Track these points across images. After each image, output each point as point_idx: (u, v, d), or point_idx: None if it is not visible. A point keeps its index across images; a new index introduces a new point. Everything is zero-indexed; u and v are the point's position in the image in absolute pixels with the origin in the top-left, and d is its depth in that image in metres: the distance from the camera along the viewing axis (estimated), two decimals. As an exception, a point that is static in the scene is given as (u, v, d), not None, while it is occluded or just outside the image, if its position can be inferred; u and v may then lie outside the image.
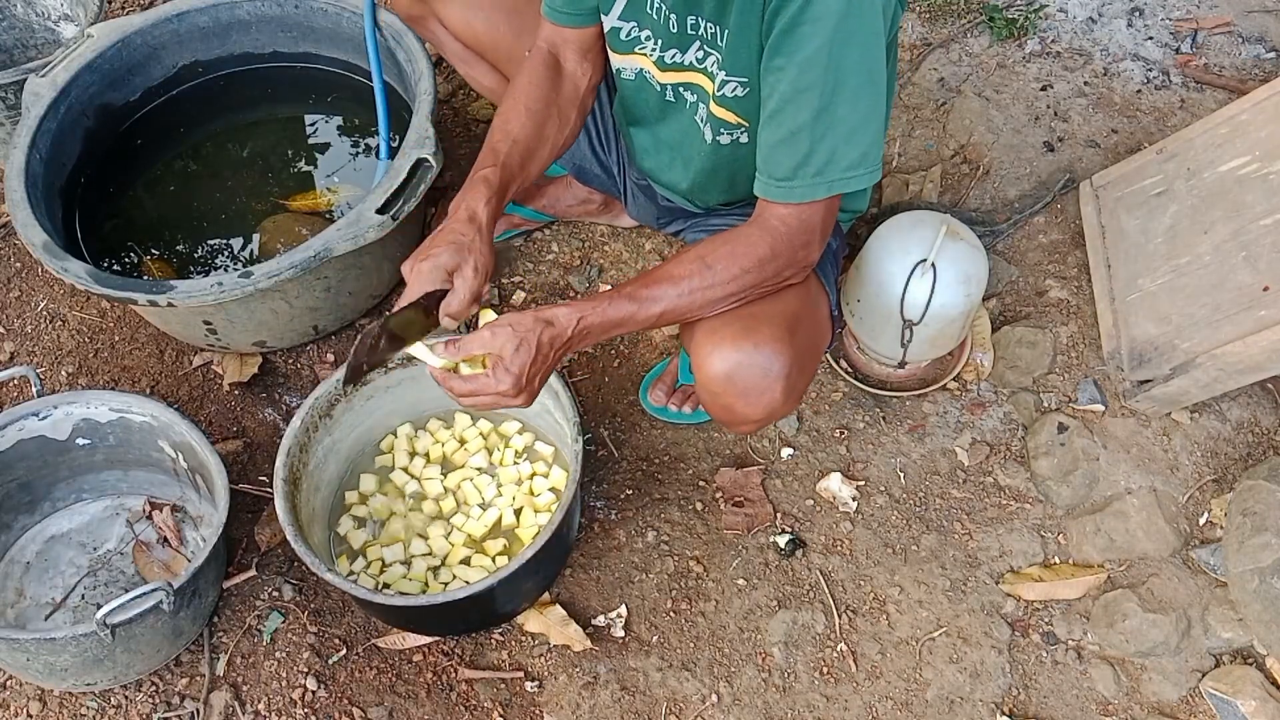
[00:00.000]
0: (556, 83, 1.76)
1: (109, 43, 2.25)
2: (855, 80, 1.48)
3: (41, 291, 2.35)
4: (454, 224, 1.58)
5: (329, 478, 1.96)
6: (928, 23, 2.65)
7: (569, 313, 1.53)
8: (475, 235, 1.57)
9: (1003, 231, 2.29)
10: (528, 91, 1.72)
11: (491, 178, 1.62)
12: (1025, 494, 2.02)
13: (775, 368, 1.58)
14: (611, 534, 2.00)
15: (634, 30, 1.68)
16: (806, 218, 1.57)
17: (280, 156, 2.43)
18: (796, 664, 1.88)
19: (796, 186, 1.53)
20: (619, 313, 1.55)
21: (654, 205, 2.04)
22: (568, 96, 1.76)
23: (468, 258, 1.55)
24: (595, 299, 1.55)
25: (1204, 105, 2.44)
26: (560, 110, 1.75)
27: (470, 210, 1.59)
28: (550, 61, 1.77)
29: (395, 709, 1.84)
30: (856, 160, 1.52)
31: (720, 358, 1.59)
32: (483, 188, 1.61)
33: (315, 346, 2.24)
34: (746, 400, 1.61)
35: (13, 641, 1.68)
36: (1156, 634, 1.84)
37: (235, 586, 1.95)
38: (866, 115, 1.51)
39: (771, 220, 1.57)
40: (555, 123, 1.74)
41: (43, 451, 1.92)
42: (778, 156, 1.53)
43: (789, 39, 1.46)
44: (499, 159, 1.65)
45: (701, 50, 1.63)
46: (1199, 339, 1.91)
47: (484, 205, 1.60)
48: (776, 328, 1.59)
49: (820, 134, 1.49)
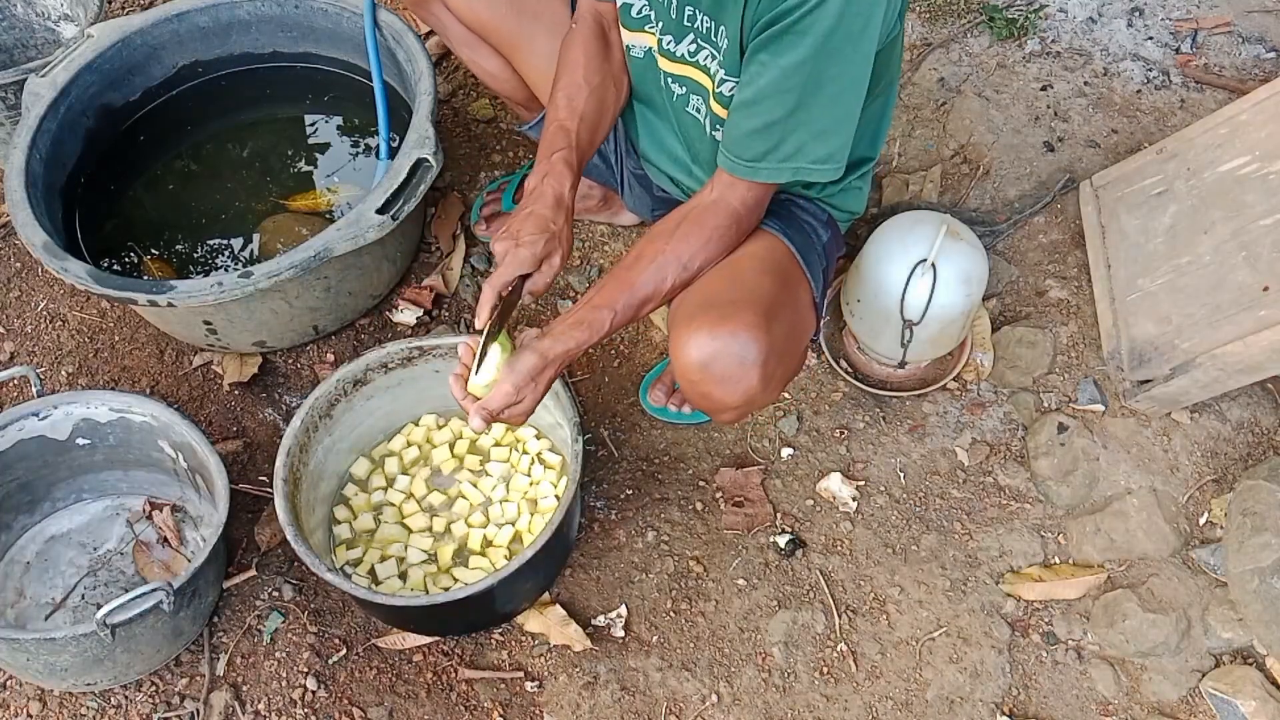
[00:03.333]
0: (607, 52, 1.80)
1: (109, 43, 2.25)
2: (835, 88, 1.53)
3: (41, 291, 2.35)
4: (543, 209, 1.66)
5: (329, 477, 1.96)
6: (928, 23, 2.65)
7: (561, 347, 1.61)
8: (565, 222, 1.66)
9: (1003, 231, 2.29)
10: (585, 64, 1.76)
11: (571, 159, 1.69)
12: (1025, 494, 2.02)
13: (751, 354, 1.59)
14: (611, 534, 2.00)
15: (645, 8, 1.71)
16: (763, 194, 1.68)
17: (280, 156, 2.43)
18: (796, 664, 1.88)
19: (763, 168, 1.61)
20: (611, 327, 1.63)
21: (649, 196, 2.04)
22: (619, 64, 1.81)
23: (556, 246, 1.66)
24: (582, 324, 1.61)
25: (1204, 105, 2.44)
26: (615, 78, 1.80)
27: (557, 194, 1.66)
28: (598, 31, 1.80)
29: (395, 709, 1.84)
30: (824, 156, 1.60)
31: (696, 346, 1.60)
32: (565, 171, 1.68)
33: (315, 346, 2.24)
34: (724, 388, 1.62)
35: (13, 641, 1.68)
36: (1156, 634, 1.84)
37: (235, 586, 1.95)
38: (840, 119, 1.57)
39: (733, 202, 1.66)
40: (613, 92, 1.79)
41: (43, 451, 1.92)
42: (749, 141, 1.60)
43: (776, 42, 1.49)
44: (571, 139, 1.71)
45: (695, 44, 1.65)
46: (1199, 339, 1.91)
47: (570, 190, 1.68)
48: (753, 315, 1.61)
49: (792, 129, 1.56)
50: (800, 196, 1.83)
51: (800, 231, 1.79)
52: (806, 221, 1.81)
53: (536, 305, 2.27)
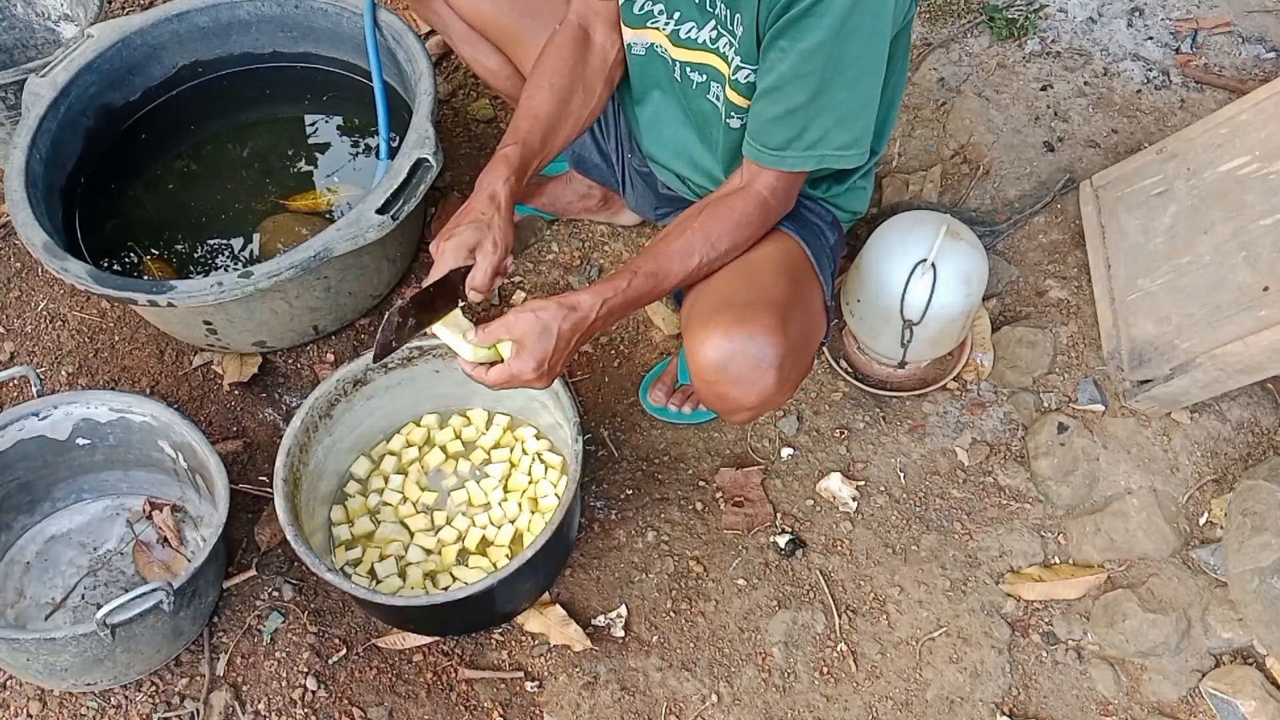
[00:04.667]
0: (583, 56, 1.79)
1: (109, 43, 2.25)
2: (855, 70, 1.54)
3: (41, 291, 2.35)
4: (475, 203, 1.66)
5: (329, 477, 1.96)
6: (928, 23, 2.65)
7: (592, 299, 1.60)
8: (494, 213, 1.64)
9: (1003, 231, 2.29)
10: (553, 67, 1.77)
11: (512, 155, 1.69)
12: (1025, 494, 2.02)
13: (768, 356, 1.60)
14: (611, 534, 2.00)
15: (647, 4, 1.70)
16: (792, 183, 1.69)
17: (280, 156, 2.43)
18: (796, 664, 1.88)
19: (788, 156, 1.62)
20: (637, 292, 1.64)
21: (653, 194, 2.04)
22: (594, 69, 1.80)
23: (487, 234, 1.63)
24: (614, 280, 1.62)
25: (1204, 105, 2.44)
26: (586, 84, 1.79)
27: (490, 189, 1.66)
28: (578, 35, 1.80)
29: (395, 709, 1.84)
30: (848, 142, 1.61)
31: (713, 346, 1.60)
32: (502, 165, 1.68)
33: (315, 346, 2.24)
34: (740, 388, 1.63)
35: (13, 641, 1.68)
36: (1156, 634, 1.84)
37: (235, 586, 1.95)
38: (863, 103, 1.59)
39: (761, 190, 1.67)
40: (580, 97, 1.78)
41: (43, 451, 1.92)
42: (772, 129, 1.61)
43: (795, 26, 1.50)
44: (520, 136, 1.71)
45: (716, 30, 1.65)
46: (1199, 339, 1.91)
47: (503, 183, 1.66)
48: (770, 317, 1.61)
49: (815, 114, 1.57)
50: (807, 197, 1.83)
51: (812, 233, 1.80)
52: (815, 223, 1.81)
53: (536, 304, 2.27)
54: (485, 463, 2.02)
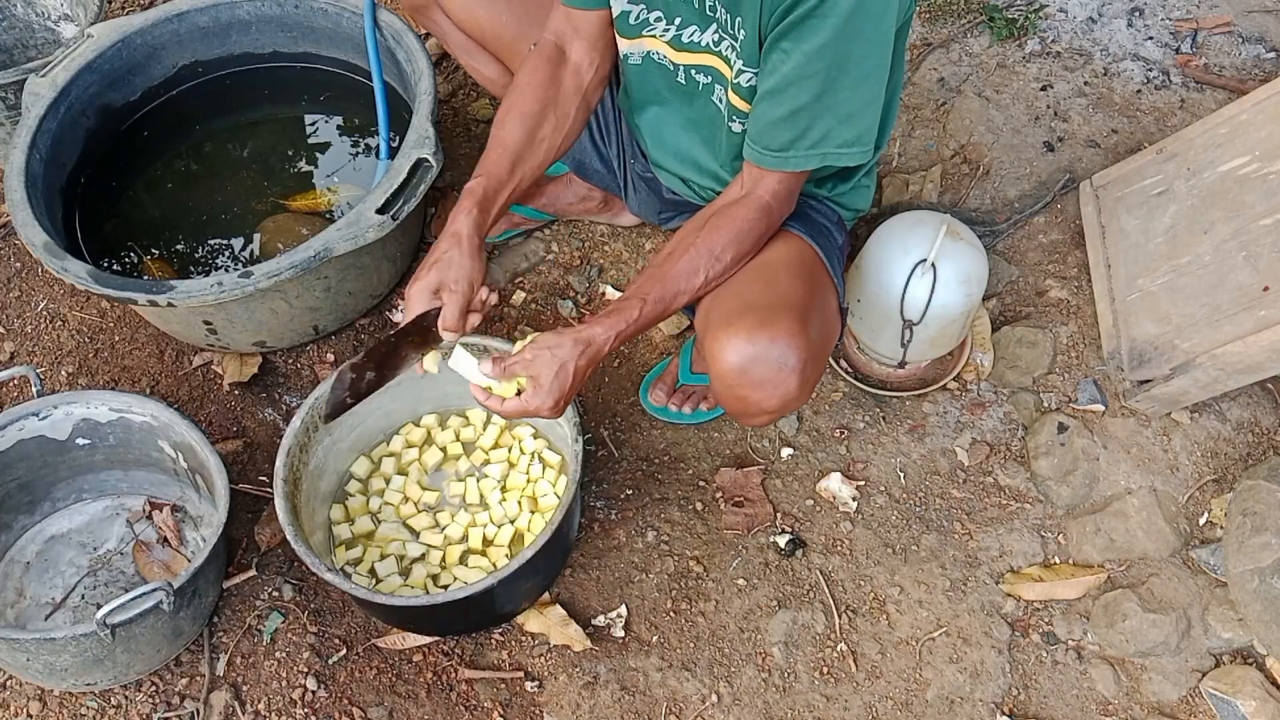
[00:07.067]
0: (556, 78, 1.77)
1: (109, 43, 2.25)
2: (859, 70, 1.53)
3: (41, 291, 2.35)
4: (439, 243, 1.67)
5: (329, 477, 1.96)
6: (928, 23, 2.65)
7: (605, 332, 1.62)
8: (455, 250, 1.65)
9: (1003, 231, 2.29)
10: (524, 93, 1.75)
11: (476, 189, 1.69)
12: (1025, 494, 2.02)
13: (791, 360, 1.60)
14: (611, 534, 2.00)
15: (642, 13, 1.69)
16: (794, 185, 1.68)
17: (280, 156, 2.43)
18: (796, 664, 1.88)
19: (792, 156, 1.61)
20: (647, 319, 1.65)
21: (657, 199, 2.04)
22: (568, 92, 1.78)
23: (449, 273, 1.64)
24: (624, 311, 1.63)
25: (1204, 105, 2.44)
26: (559, 108, 1.76)
27: (453, 227, 1.66)
28: (553, 56, 1.78)
29: (395, 709, 1.84)
30: (852, 139, 1.60)
31: (735, 350, 1.60)
32: (467, 200, 1.68)
33: (315, 346, 2.24)
34: (762, 392, 1.63)
35: (13, 641, 1.68)
36: (1156, 634, 1.84)
37: (235, 586, 1.95)
38: (866, 102, 1.58)
39: (764, 196, 1.66)
40: (552, 122, 1.76)
41: (43, 451, 1.92)
42: (775, 130, 1.60)
43: (798, 28, 1.49)
44: (486, 168, 1.71)
45: (718, 34, 1.65)
46: (1199, 339, 1.91)
47: (465, 217, 1.66)
48: (791, 321, 1.61)
49: (819, 114, 1.56)
50: (812, 197, 1.83)
51: (821, 234, 1.79)
52: (822, 224, 1.81)
53: (537, 304, 2.27)
54: (485, 463, 2.02)
